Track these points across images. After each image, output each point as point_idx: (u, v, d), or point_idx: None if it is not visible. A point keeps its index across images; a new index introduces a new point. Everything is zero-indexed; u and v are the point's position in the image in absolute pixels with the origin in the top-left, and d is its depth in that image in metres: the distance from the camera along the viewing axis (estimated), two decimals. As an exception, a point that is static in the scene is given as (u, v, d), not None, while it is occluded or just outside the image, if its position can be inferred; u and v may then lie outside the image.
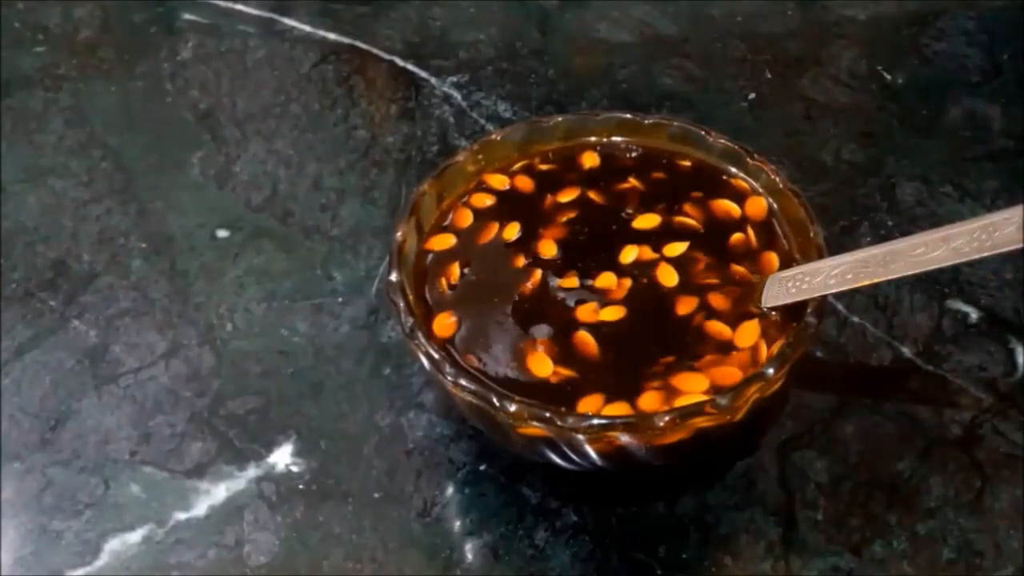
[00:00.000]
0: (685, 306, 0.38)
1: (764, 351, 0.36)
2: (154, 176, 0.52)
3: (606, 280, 0.38)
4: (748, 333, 0.37)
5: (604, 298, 0.38)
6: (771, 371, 0.34)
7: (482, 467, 0.40)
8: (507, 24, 0.59)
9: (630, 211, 0.41)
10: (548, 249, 0.40)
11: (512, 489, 0.40)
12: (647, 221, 0.40)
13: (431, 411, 0.42)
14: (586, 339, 0.37)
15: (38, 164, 0.52)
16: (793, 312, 0.37)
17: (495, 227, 0.41)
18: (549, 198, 0.42)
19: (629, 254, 0.39)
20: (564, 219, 0.41)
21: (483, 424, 0.37)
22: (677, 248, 0.39)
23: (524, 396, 0.34)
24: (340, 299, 0.46)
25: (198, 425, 0.42)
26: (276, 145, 0.53)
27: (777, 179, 0.40)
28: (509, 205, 0.41)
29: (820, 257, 0.37)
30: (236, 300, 0.46)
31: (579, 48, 0.58)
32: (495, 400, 0.34)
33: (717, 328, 0.37)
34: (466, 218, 0.41)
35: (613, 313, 0.37)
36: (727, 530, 0.39)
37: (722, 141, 0.42)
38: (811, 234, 0.38)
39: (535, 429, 0.34)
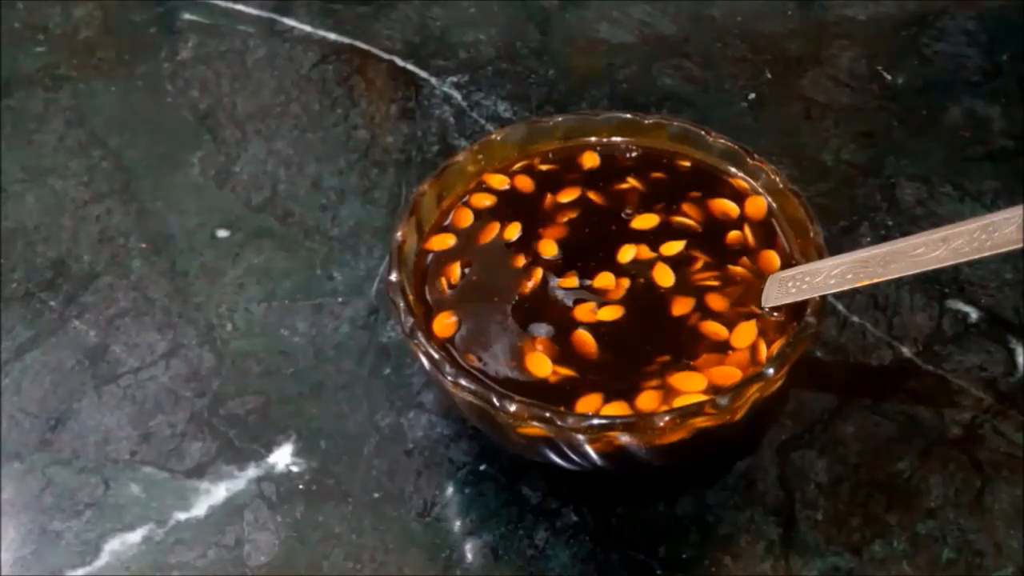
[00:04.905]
0: (682, 306, 0.38)
1: (763, 351, 0.36)
2: (154, 176, 0.52)
3: (604, 280, 0.38)
4: (745, 333, 0.37)
5: (602, 298, 0.38)
6: (771, 371, 0.34)
7: (482, 467, 0.40)
8: (507, 24, 0.59)
9: (630, 211, 0.41)
10: (548, 249, 0.40)
11: (512, 489, 0.40)
12: (646, 221, 0.40)
13: (431, 411, 0.42)
14: (585, 339, 0.37)
15: (38, 164, 0.53)
16: (793, 312, 0.37)
17: (495, 227, 0.41)
18: (549, 198, 0.42)
19: (627, 254, 0.39)
20: (564, 219, 0.41)
21: (483, 424, 0.37)
22: (674, 247, 0.39)
23: (523, 396, 0.34)
24: (340, 299, 0.46)
25: (198, 425, 0.42)
26: (276, 145, 0.53)
27: (777, 179, 0.40)
28: (509, 205, 0.41)
29: (820, 257, 0.37)
30: (236, 300, 0.46)
31: (579, 48, 0.58)
32: (495, 400, 0.34)
33: (713, 328, 0.37)
34: (466, 218, 0.41)
35: (611, 313, 0.37)
36: (727, 530, 0.39)
37: (722, 141, 0.42)
38: (811, 234, 0.38)
39: (535, 429, 0.34)
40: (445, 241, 0.40)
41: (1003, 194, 0.49)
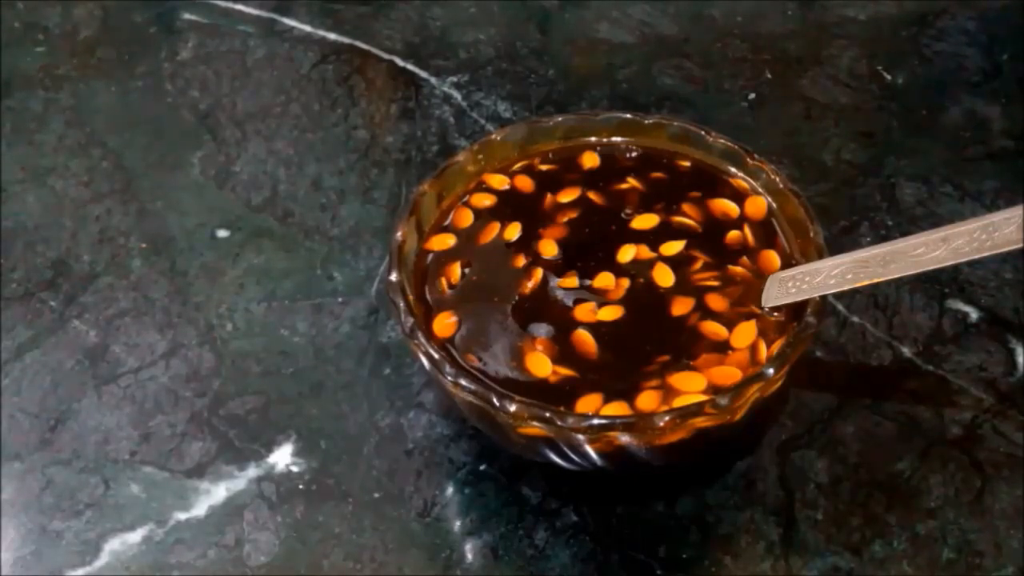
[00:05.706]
0: (682, 306, 0.38)
1: (763, 351, 0.36)
2: (154, 176, 0.52)
3: (604, 280, 0.38)
4: (745, 333, 0.37)
5: (602, 298, 0.38)
6: (771, 371, 0.34)
7: (482, 467, 0.40)
8: (507, 24, 0.59)
9: (630, 211, 0.41)
10: (548, 249, 0.40)
11: (512, 489, 0.40)
12: (646, 221, 0.40)
13: (431, 411, 0.42)
14: (585, 339, 0.37)
15: (38, 164, 0.53)
16: (793, 312, 0.37)
17: (495, 227, 0.41)
18: (549, 198, 0.42)
19: (627, 254, 0.39)
20: (564, 219, 0.41)
21: (483, 424, 0.37)
22: (674, 247, 0.39)
23: (523, 396, 0.34)
24: (340, 299, 0.46)
25: (198, 425, 0.42)
26: (276, 145, 0.53)
27: (777, 179, 0.40)
28: (509, 205, 0.41)
29: (820, 257, 0.37)
30: (236, 300, 0.46)
31: (579, 48, 0.58)
32: (495, 400, 0.34)
33: (713, 328, 0.37)
34: (466, 218, 0.41)
35: (611, 313, 0.37)
36: (727, 530, 0.39)
37: (722, 141, 0.42)
38: (811, 234, 0.38)
39: (535, 429, 0.34)
40: (445, 241, 0.40)
41: (1003, 194, 0.49)
